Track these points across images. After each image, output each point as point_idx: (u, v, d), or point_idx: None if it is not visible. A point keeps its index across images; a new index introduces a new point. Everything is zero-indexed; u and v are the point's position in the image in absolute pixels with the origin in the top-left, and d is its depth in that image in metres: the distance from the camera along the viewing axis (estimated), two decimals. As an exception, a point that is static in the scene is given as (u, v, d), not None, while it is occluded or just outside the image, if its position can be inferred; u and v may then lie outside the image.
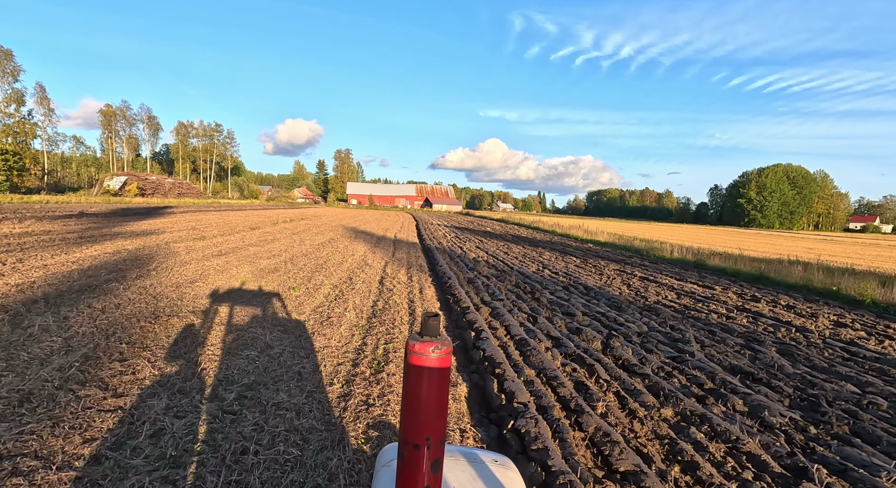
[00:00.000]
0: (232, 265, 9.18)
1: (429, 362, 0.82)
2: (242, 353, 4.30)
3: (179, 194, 59.29)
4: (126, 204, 33.54)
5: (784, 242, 35.64)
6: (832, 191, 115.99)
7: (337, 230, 21.08)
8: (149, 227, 16.02)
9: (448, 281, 9.01)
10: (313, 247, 13.52)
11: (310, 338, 4.95)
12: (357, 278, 8.85)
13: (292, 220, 25.85)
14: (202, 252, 10.66)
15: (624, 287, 9.85)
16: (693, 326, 6.55)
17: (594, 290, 9.07)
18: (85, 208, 24.78)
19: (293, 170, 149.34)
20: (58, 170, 69.95)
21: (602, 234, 25.90)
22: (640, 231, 38.82)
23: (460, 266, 11.55)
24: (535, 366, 4.43)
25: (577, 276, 10.90)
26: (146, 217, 21.41)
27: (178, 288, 6.73)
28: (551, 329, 5.82)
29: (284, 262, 10.07)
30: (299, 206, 61.64)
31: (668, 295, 9.15)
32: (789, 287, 11.28)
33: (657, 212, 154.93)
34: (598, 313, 7.01)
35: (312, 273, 9.07)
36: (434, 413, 0.84)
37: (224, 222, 20.91)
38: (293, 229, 19.78)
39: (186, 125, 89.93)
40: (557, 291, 8.69)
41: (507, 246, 18.65)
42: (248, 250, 11.76)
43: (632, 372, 4.46)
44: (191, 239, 13.21)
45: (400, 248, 15.14)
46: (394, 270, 10.23)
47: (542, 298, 7.85)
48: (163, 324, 4.94)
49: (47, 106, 69.24)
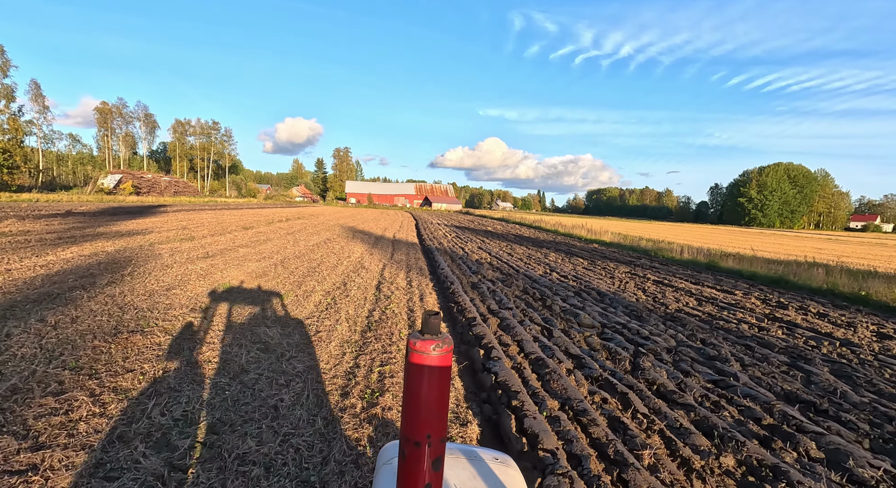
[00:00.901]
0: (217, 269, 8.48)
1: (430, 360, 0.81)
2: (210, 381, 3.61)
3: (176, 193, 58.50)
4: (119, 202, 32.78)
5: (791, 242, 34.98)
6: (833, 190, 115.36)
7: (334, 230, 20.38)
8: (136, 227, 15.30)
9: (451, 286, 8.32)
10: (307, 248, 12.83)
11: (293, 359, 4.26)
12: (352, 283, 8.15)
13: (288, 220, 25.14)
14: (187, 254, 9.96)
15: (639, 292, 9.17)
16: (725, 339, 5.87)
17: (608, 296, 8.39)
18: (74, 207, 24.03)
19: (291, 169, 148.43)
20: (53, 168, 69.11)
21: (606, 234, 25.21)
22: (644, 230, 38.14)
23: (463, 269, 10.86)
24: (557, 394, 3.74)
25: (588, 280, 10.21)
26: (136, 216, 20.69)
27: (151, 296, 6.04)
28: (570, 345, 5.13)
29: (275, 265, 9.37)
30: (297, 205, 60.86)
31: (688, 301, 8.46)
32: (813, 291, 10.61)
33: (657, 211, 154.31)
34: (618, 324, 6.32)
35: (304, 277, 8.37)
36: (435, 411, 0.83)
37: (217, 221, 20.20)
38: (288, 229, 19.07)
39: (184, 123, 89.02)
40: (569, 298, 8.00)
41: (511, 246, 17.95)
42: (238, 252, 11.07)
43: (672, 401, 3.78)
44: (178, 239, 12.51)
45: (399, 249, 14.45)
46: (392, 274, 9.54)
47: (554, 306, 7.16)
48: (122, 342, 4.24)
49: (42, 103, 68.49)
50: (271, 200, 75.48)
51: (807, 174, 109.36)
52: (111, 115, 78.96)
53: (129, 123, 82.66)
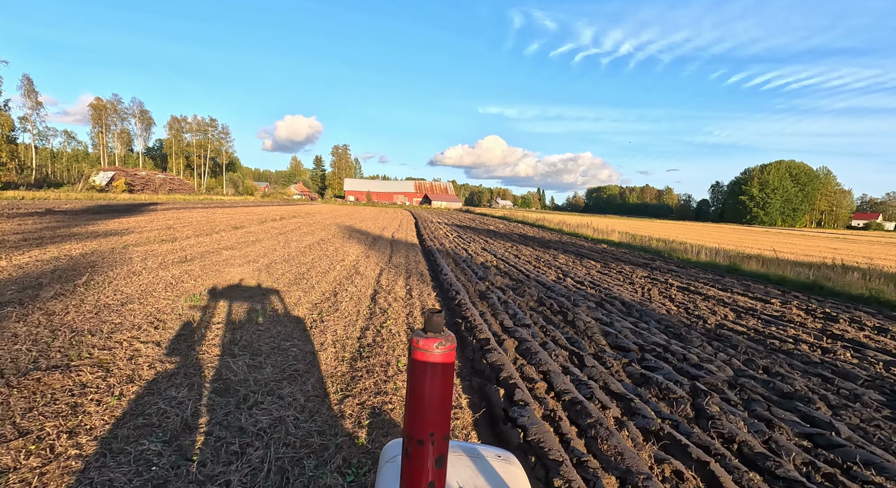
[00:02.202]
0: (192, 276, 7.47)
1: (433, 358, 0.80)
2: (134, 451, 2.62)
3: (171, 190, 57.39)
4: (108, 200, 31.71)
5: (802, 241, 34.02)
6: (835, 188, 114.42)
7: (329, 229, 19.36)
8: (117, 227, 14.29)
9: (456, 296, 7.32)
10: (299, 250, 11.82)
11: (258, 406, 3.27)
12: (344, 293, 7.15)
13: (282, 218, 24.11)
14: (163, 258, 8.95)
15: (667, 301, 8.18)
16: (791, 367, 4.88)
17: (635, 307, 7.39)
18: (58, 205, 22.99)
19: (290, 167, 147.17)
20: (48, 165, 67.96)
21: (614, 234, 24.22)
22: (651, 229, 37.16)
23: (468, 274, 9.86)
24: (612, 463, 2.75)
25: (607, 287, 9.22)
26: (122, 214, 19.65)
27: (99, 313, 5.03)
28: (608, 377, 4.14)
29: (259, 271, 8.37)
30: (294, 203, 59.79)
31: (725, 313, 7.47)
32: (854, 299, 9.63)
33: (658, 209, 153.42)
34: (657, 345, 5.34)
35: (290, 286, 7.37)
36: (438, 409, 0.82)
37: (207, 220, 19.18)
38: (281, 228, 18.05)
39: (180, 120, 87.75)
40: (592, 310, 7.00)
41: (516, 247, 16.95)
42: (221, 255, 10.05)
43: (769, 473, 2.78)
44: (158, 240, 11.49)
45: (398, 251, 13.45)
46: (390, 281, 8.53)
47: (578, 321, 6.17)
48: (30, 384, 3.24)
49: (35, 99, 67.29)
50: (268, 198, 74.44)
51: (809, 172, 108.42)
52: (106, 111, 77.68)
53: (125, 120, 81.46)
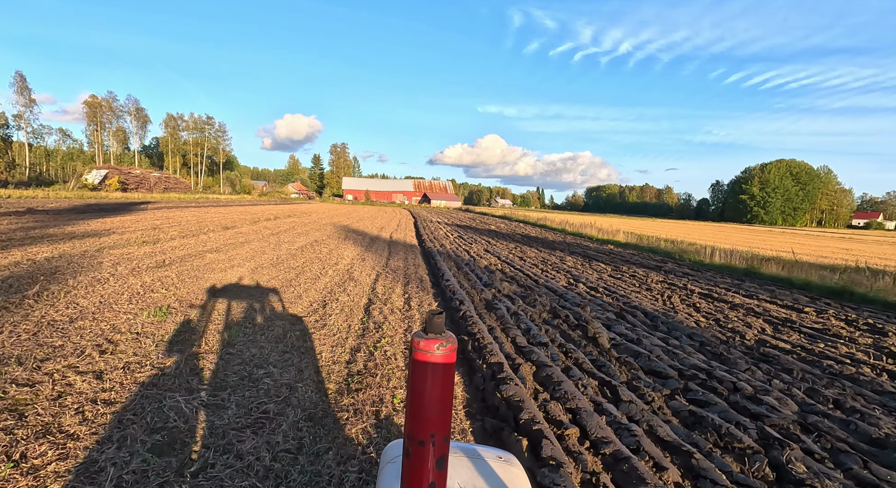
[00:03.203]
0: (165, 284, 6.68)
1: (434, 359, 0.80)
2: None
3: (166, 189, 56.47)
4: (99, 199, 30.85)
5: (811, 241, 33.29)
6: (836, 187, 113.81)
7: (325, 229, 18.56)
8: (99, 227, 13.47)
9: (460, 306, 6.53)
10: (290, 252, 11.02)
11: (204, 473, 2.48)
12: (335, 303, 6.36)
13: (277, 218, 23.30)
14: (138, 262, 8.16)
15: (692, 311, 7.41)
16: (861, 395, 4.10)
17: (660, 319, 6.61)
18: (42, 204, 22.14)
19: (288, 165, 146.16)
20: (41, 163, 66.98)
21: (619, 234, 23.46)
22: (655, 229, 36.41)
23: (471, 279, 9.08)
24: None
25: (624, 294, 8.44)
26: (109, 214, 18.83)
27: (39, 334, 4.23)
28: (653, 418, 3.36)
29: (241, 278, 7.57)
30: (292, 202, 58.96)
31: (761, 325, 6.70)
32: (890, 306, 8.86)
33: (658, 208, 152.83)
34: (697, 369, 4.56)
35: (274, 295, 6.58)
36: (439, 410, 0.82)
37: (197, 220, 18.36)
38: (274, 228, 17.25)
39: (176, 118, 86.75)
40: (613, 323, 6.23)
41: (520, 248, 16.16)
42: (204, 258, 9.26)
43: None
44: (138, 242, 10.68)
45: (396, 253, 12.66)
46: (386, 288, 7.75)
47: (600, 338, 5.39)
48: None
49: (28, 96, 66.29)
50: (265, 197, 73.58)
51: (809, 171, 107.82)
52: (101, 108, 76.63)
53: (120, 118, 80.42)
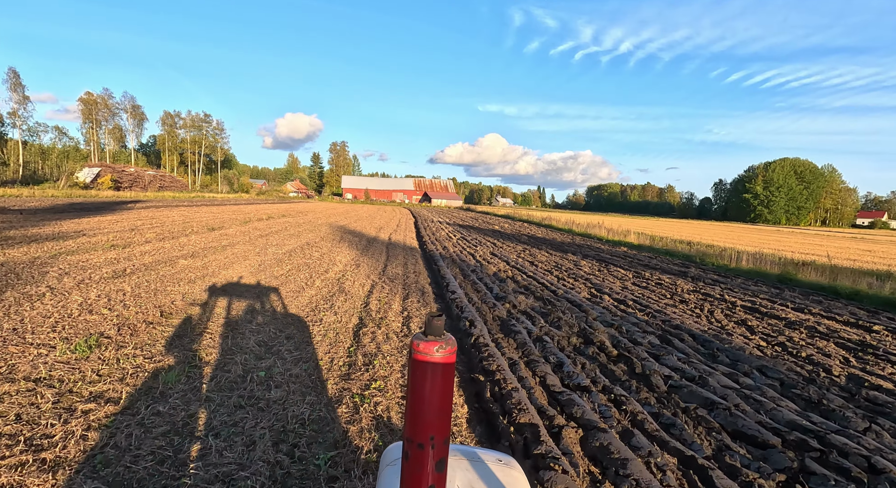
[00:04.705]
0: (113, 301, 5.51)
1: (433, 361, 0.80)
2: None
3: (161, 187, 55.27)
4: (87, 197, 29.69)
5: (827, 243, 32.09)
6: (840, 186, 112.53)
7: (319, 230, 17.39)
8: (71, 229, 12.32)
9: (471, 328, 5.36)
10: (276, 258, 9.87)
11: None
12: (317, 325, 5.19)
13: (270, 218, 22.13)
14: (92, 272, 6.99)
15: (744, 331, 6.24)
16: None
17: (714, 344, 5.44)
18: (22, 203, 20.97)
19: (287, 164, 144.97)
20: (34, 161, 65.78)
21: (630, 235, 22.28)
22: (663, 229, 35.23)
23: (480, 290, 7.91)
24: None
25: (658, 308, 7.26)
26: (90, 213, 17.66)
27: None
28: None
29: (211, 291, 6.41)
30: (290, 201, 57.79)
31: (838, 353, 5.53)
32: (963, 322, 7.70)
33: (660, 207, 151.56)
34: (798, 428, 3.40)
35: (244, 315, 5.41)
36: (438, 412, 0.82)
37: (183, 220, 17.20)
38: (265, 229, 16.08)
39: (173, 115, 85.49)
40: (658, 349, 5.05)
41: (529, 251, 14.99)
42: (175, 265, 8.11)
43: None
44: (106, 247, 9.53)
45: (394, 257, 11.49)
46: (382, 303, 6.59)
47: (653, 376, 4.22)
48: None
49: (21, 93, 65.04)
50: (263, 196, 72.42)
51: (813, 170, 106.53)
52: (96, 106, 75.38)
53: (116, 115, 79.12)
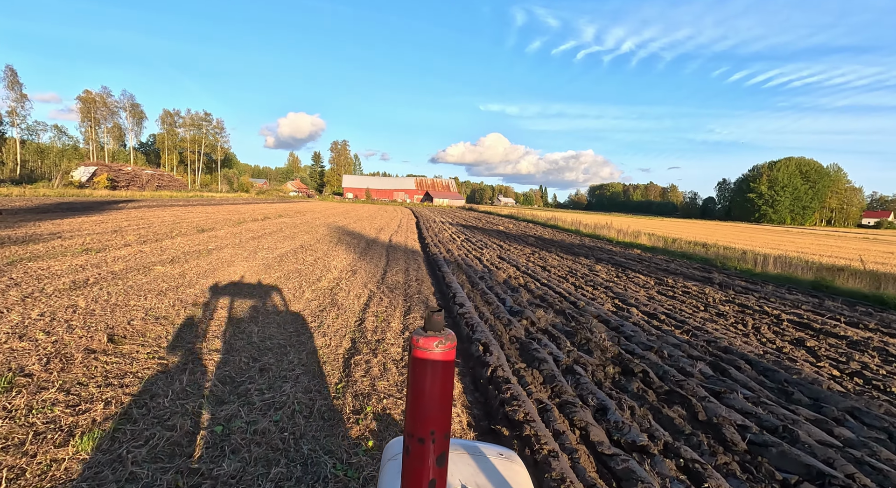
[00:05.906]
0: (56, 321, 4.60)
1: (433, 356, 0.80)
2: None
3: (159, 187, 54.46)
4: (79, 197, 28.84)
5: (840, 244, 31.07)
6: (845, 186, 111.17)
7: (317, 231, 16.48)
8: (47, 230, 11.44)
9: (485, 355, 4.43)
10: (265, 263, 8.97)
11: None
12: (300, 352, 4.27)
13: (266, 218, 21.24)
14: (48, 282, 6.09)
15: (805, 354, 5.31)
16: None
17: (780, 375, 4.51)
18: (4, 203, 20.12)
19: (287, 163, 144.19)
20: (32, 160, 65.05)
21: (641, 236, 21.34)
22: (673, 229, 34.24)
23: (491, 302, 6.98)
24: None
25: (696, 324, 6.32)
26: (76, 214, 16.79)
27: None
28: None
29: (184, 307, 5.50)
30: (290, 200, 56.93)
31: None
32: None
33: (662, 206, 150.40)
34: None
35: (212, 340, 4.50)
36: (438, 407, 0.82)
37: (172, 221, 16.33)
38: (258, 231, 15.19)
39: (172, 114, 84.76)
40: (714, 383, 4.13)
41: (538, 254, 14.05)
42: (150, 273, 7.21)
43: None
44: (78, 251, 8.64)
45: (395, 262, 10.57)
46: (380, 320, 5.67)
47: (725, 429, 3.30)
48: None
49: (19, 91, 64.29)
50: (263, 196, 71.56)
51: (819, 169, 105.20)
52: (95, 104, 74.60)
53: (115, 114, 78.33)
